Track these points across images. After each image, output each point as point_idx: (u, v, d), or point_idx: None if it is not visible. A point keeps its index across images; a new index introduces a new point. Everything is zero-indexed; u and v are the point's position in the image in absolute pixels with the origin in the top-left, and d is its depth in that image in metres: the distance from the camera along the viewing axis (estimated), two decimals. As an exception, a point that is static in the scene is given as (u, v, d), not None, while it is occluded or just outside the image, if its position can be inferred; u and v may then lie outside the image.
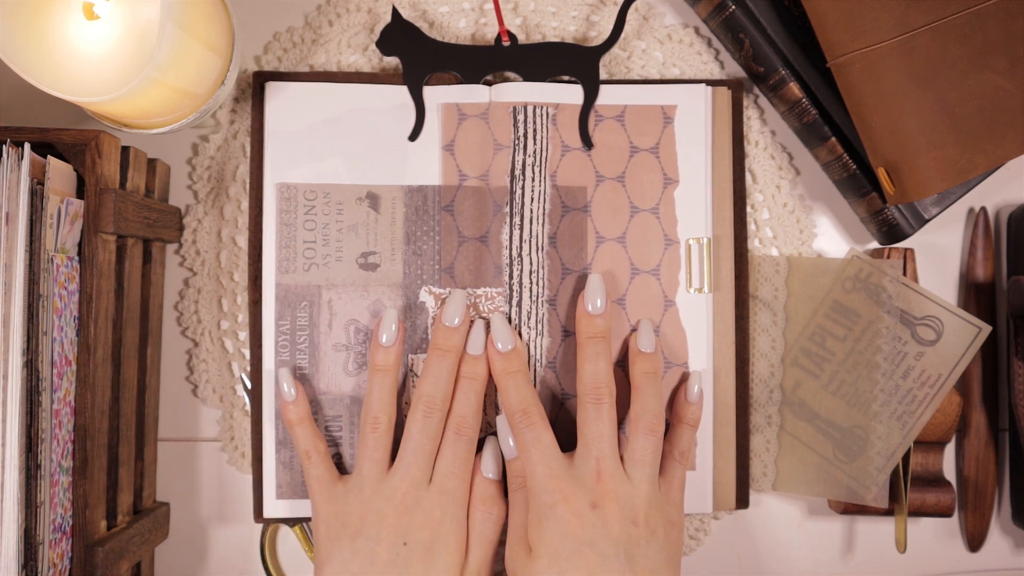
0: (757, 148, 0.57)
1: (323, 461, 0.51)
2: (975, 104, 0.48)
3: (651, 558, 0.47)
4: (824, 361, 0.55)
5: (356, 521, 0.49)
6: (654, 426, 0.49)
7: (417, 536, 0.48)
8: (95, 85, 0.44)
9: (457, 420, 0.50)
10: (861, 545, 0.58)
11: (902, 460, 0.54)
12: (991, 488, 0.57)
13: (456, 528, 0.49)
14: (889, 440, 0.54)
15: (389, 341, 0.51)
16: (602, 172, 0.54)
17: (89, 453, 0.46)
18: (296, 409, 0.51)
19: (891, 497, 0.54)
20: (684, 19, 0.57)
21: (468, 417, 0.50)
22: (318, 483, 0.50)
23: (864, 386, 0.55)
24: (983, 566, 0.58)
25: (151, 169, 0.53)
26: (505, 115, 0.54)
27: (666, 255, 0.54)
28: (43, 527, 0.44)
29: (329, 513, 0.50)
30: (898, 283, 0.55)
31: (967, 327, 0.54)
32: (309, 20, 0.56)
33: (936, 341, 0.54)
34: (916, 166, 0.49)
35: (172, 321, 0.56)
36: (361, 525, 0.48)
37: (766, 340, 0.56)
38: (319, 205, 0.54)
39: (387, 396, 0.50)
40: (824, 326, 0.55)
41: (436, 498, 0.49)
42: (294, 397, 0.51)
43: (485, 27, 0.56)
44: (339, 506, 0.49)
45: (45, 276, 0.45)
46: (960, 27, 0.48)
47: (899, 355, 0.55)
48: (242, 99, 0.56)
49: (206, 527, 0.56)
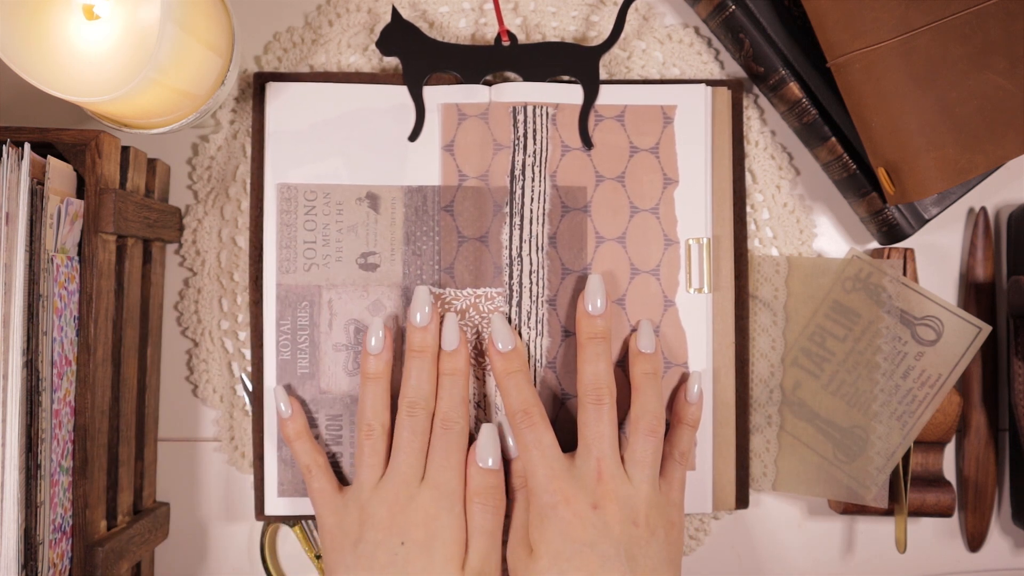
0: (757, 148, 0.57)
1: (324, 474, 0.51)
2: (975, 104, 0.48)
3: (651, 559, 0.47)
4: (824, 361, 0.55)
5: (356, 527, 0.49)
6: (654, 427, 0.49)
7: (413, 534, 0.48)
8: (95, 85, 0.44)
9: (442, 415, 0.50)
10: (861, 545, 0.58)
11: (902, 460, 0.54)
12: (991, 488, 0.57)
13: (452, 522, 0.49)
14: (889, 440, 0.54)
15: (376, 349, 0.51)
16: (602, 172, 0.54)
17: (89, 453, 0.46)
18: (293, 425, 0.52)
19: (891, 497, 0.54)
20: (684, 19, 0.57)
21: (453, 411, 0.50)
22: (320, 495, 0.50)
23: (864, 386, 0.55)
24: (983, 566, 0.58)
25: (151, 169, 0.53)
26: (505, 115, 0.54)
27: (666, 255, 0.54)
28: (43, 527, 0.44)
29: (332, 524, 0.50)
30: (898, 283, 0.55)
31: (967, 327, 0.54)
32: (309, 20, 0.56)
33: (936, 341, 0.54)
34: (916, 166, 0.49)
35: (172, 321, 0.56)
36: (360, 531, 0.48)
37: (766, 340, 0.56)
38: (319, 205, 0.54)
39: (379, 403, 0.50)
40: (824, 326, 0.55)
41: (430, 494, 0.49)
42: (290, 414, 0.52)
43: (485, 27, 0.56)
44: (341, 516, 0.50)
45: (45, 276, 0.45)
46: (960, 27, 0.48)
47: (899, 355, 0.55)
48: (242, 99, 0.56)
49: (206, 527, 0.56)
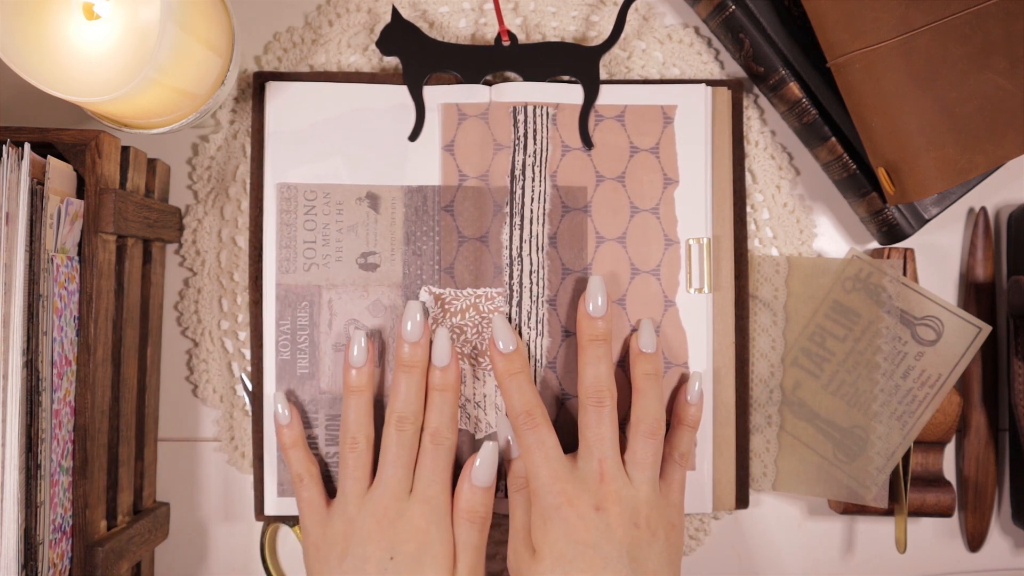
0: (757, 148, 0.57)
1: (315, 484, 0.51)
2: (975, 104, 0.48)
3: (653, 560, 0.47)
4: (824, 361, 0.55)
5: (341, 541, 0.48)
6: (655, 430, 0.49)
7: (403, 549, 0.48)
8: (95, 85, 0.44)
9: (432, 430, 0.50)
10: (861, 545, 0.58)
11: (902, 460, 0.54)
12: (991, 488, 0.57)
13: (442, 536, 0.48)
14: (889, 440, 0.54)
15: (359, 362, 0.51)
16: (602, 172, 0.54)
17: (89, 453, 0.46)
18: (290, 433, 0.51)
19: (891, 497, 0.54)
20: (684, 19, 0.57)
21: (443, 427, 0.50)
22: (308, 505, 0.50)
23: (864, 386, 0.55)
24: (983, 566, 0.58)
25: (151, 169, 0.53)
26: (505, 115, 0.54)
27: (666, 255, 0.54)
28: (43, 527, 0.44)
29: (317, 535, 0.50)
30: (898, 283, 0.55)
31: (967, 327, 0.54)
32: (309, 20, 0.56)
33: (936, 341, 0.54)
34: (916, 166, 0.49)
35: (172, 321, 0.56)
36: (347, 544, 0.48)
37: (766, 340, 0.56)
38: (319, 205, 0.54)
39: (363, 416, 0.50)
40: (824, 326, 0.55)
41: (419, 508, 0.48)
42: (288, 420, 0.52)
43: (485, 27, 0.56)
44: (325, 528, 0.49)
45: (45, 276, 0.45)
46: (960, 27, 0.48)
47: (899, 355, 0.55)
48: (242, 99, 0.56)
49: (206, 527, 0.56)
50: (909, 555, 0.57)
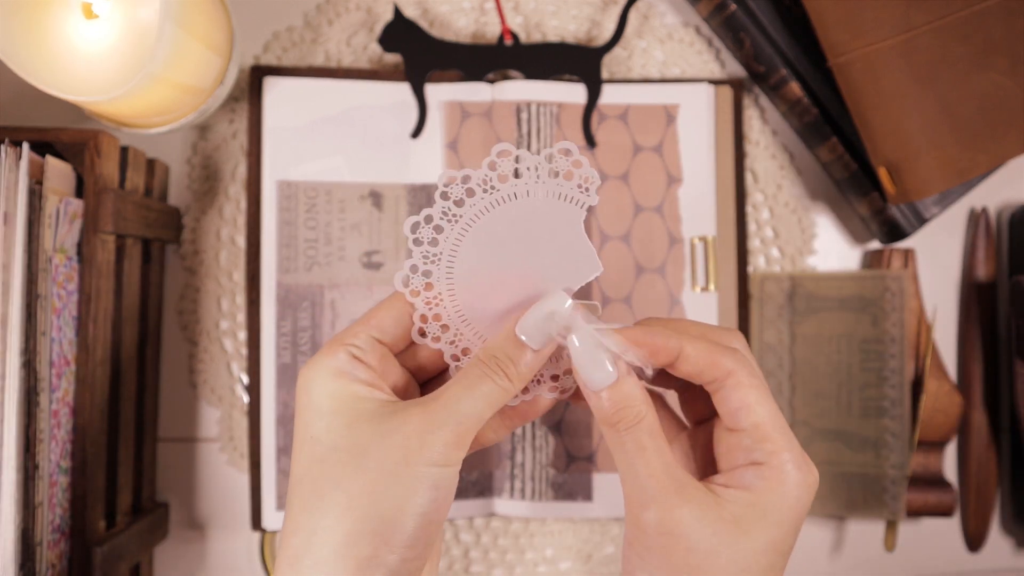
0: (758, 147, 0.57)
1: None
2: (976, 103, 0.48)
3: None
4: (824, 377, 0.55)
5: None
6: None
7: None
8: (94, 84, 0.44)
9: None
10: (856, 546, 0.57)
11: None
12: (991, 488, 0.57)
13: None
14: (891, 446, 0.54)
15: None
16: (606, 171, 0.54)
17: (88, 453, 0.46)
18: None
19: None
20: (685, 18, 0.57)
21: None
22: None
23: (858, 395, 0.54)
24: (983, 566, 0.58)
25: (150, 169, 0.53)
26: (508, 113, 0.53)
27: (671, 253, 0.54)
28: (41, 528, 0.44)
29: None
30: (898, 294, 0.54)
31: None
32: (309, 19, 0.56)
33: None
34: (917, 165, 0.49)
35: (172, 321, 0.56)
36: None
37: (772, 383, 0.55)
38: (320, 203, 0.53)
39: None
40: (822, 344, 0.55)
41: None
42: None
43: (485, 26, 0.56)
44: None
45: (43, 276, 0.44)
46: (961, 26, 0.48)
47: (879, 365, 0.55)
48: (241, 99, 0.56)
49: (205, 527, 0.56)
50: (909, 555, 0.57)
